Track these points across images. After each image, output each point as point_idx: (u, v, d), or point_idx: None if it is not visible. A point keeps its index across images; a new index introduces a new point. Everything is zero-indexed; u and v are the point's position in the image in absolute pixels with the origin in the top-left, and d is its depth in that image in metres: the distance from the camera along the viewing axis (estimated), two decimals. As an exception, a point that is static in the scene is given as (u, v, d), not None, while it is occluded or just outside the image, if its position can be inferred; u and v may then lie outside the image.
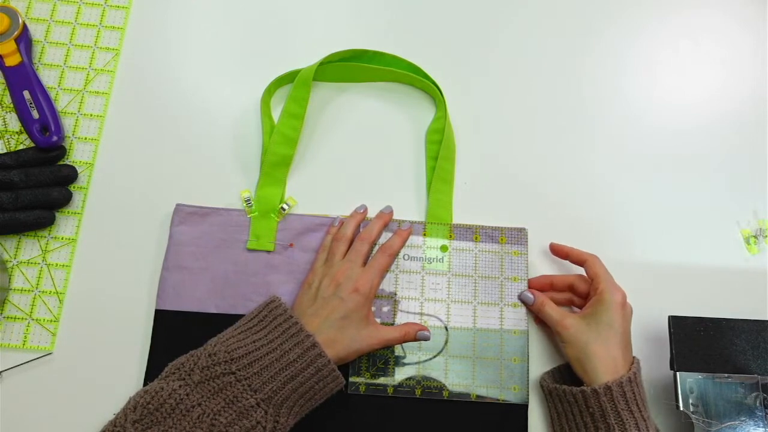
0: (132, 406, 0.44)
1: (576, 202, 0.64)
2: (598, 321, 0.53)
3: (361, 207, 0.61)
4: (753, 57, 0.72)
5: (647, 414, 0.51)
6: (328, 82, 0.67)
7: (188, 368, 0.46)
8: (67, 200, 0.59)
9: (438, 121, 0.65)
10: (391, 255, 0.58)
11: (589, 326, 0.53)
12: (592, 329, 0.53)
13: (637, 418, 0.49)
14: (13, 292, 0.58)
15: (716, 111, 0.70)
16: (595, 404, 0.50)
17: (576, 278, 0.58)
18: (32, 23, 0.66)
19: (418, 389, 0.56)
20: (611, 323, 0.53)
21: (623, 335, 0.53)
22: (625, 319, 0.54)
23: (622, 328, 0.53)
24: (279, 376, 0.46)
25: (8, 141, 0.62)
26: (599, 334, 0.53)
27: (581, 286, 0.58)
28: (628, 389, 0.50)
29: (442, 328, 0.58)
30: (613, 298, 0.54)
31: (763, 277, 0.64)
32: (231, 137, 0.64)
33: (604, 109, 0.69)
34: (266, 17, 0.69)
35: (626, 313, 0.55)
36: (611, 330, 0.53)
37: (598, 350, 0.52)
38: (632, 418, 0.49)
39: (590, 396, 0.50)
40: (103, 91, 0.64)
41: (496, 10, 0.72)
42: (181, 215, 0.59)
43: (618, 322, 0.53)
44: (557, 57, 0.70)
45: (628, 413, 0.49)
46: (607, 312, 0.53)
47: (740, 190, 0.67)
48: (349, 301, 0.52)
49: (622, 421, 0.49)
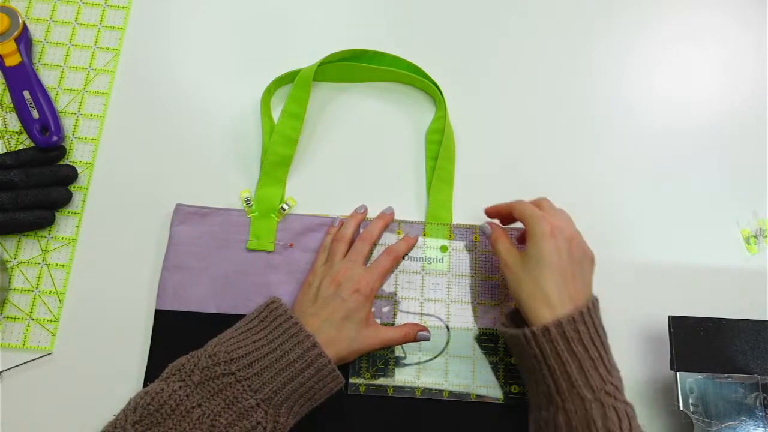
0: (132, 407, 0.44)
1: (576, 202, 0.64)
2: (529, 257, 0.50)
3: (362, 207, 0.61)
4: (753, 57, 0.72)
5: (598, 352, 0.47)
6: (328, 82, 0.67)
7: (188, 369, 0.46)
8: (67, 200, 0.59)
9: (438, 121, 0.65)
10: (394, 258, 0.58)
11: (524, 264, 0.51)
12: (525, 267, 0.50)
13: (582, 358, 0.46)
14: (13, 292, 0.58)
15: (716, 111, 0.70)
16: (535, 346, 0.47)
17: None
18: (32, 23, 0.66)
19: (418, 389, 0.56)
20: (540, 257, 0.49)
21: (557, 268, 0.49)
22: (557, 251, 0.50)
23: (557, 262, 0.49)
24: (279, 377, 0.46)
25: (8, 141, 0.62)
26: (530, 271, 0.50)
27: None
28: (570, 329, 0.46)
29: (443, 329, 0.58)
30: (540, 229, 0.50)
31: (763, 277, 0.64)
32: (231, 137, 0.64)
33: (604, 109, 0.69)
34: (266, 17, 0.69)
35: (559, 244, 0.50)
36: (540, 264, 0.49)
37: (527, 287, 0.49)
38: (575, 358, 0.46)
39: (530, 338, 0.47)
40: (103, 91, 0.64)
41: (496, 10, 0.72)
42: (181, 215, 0.59)
43: (548, 256, 0.49)
44: (557, 57, 0.70)
45: (570, 354, 0.46)
46: (536, 246, 0.50)
47: (740, 190, 0.67)
48: (350, 301, 0.52)
49: (562, 363, 0.46)
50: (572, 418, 0.45)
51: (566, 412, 0.46)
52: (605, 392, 0.46)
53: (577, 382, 0.46)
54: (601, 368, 0.47)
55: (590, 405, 0.45)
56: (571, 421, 0.46)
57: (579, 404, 0.46)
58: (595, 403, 0.45)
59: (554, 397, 0.47)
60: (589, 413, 0.45)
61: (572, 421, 0.45)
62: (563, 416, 0.46)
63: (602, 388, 0.46)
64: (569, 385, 0.46)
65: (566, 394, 0.46)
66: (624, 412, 0.46)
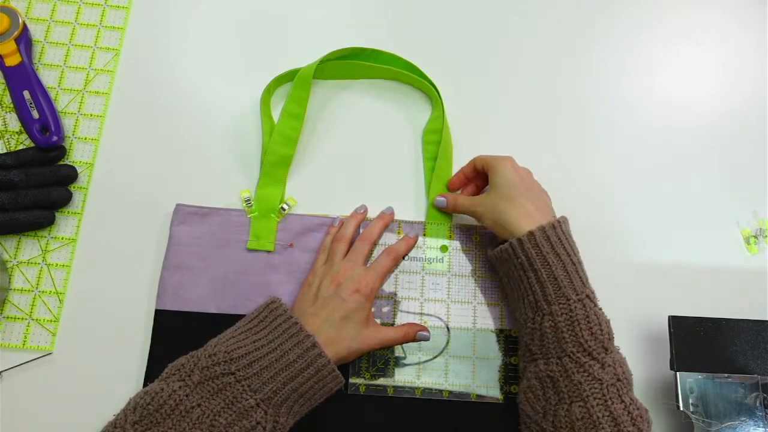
0: (132, 407, 0.44)
1: (576, 202, 0.64)
2: (497, 185, 0.55)
3: (362, 207, 0.61)
4: (753, 57, 0.72)
5: (577, 259, 0.51)
6: (327, 79, 0.66)
7: (188, 369, 0.46)
8: (67, 200, 0.59)
9: (435, 121, 0.65)
10: (394, 258, 0.58)
11: (494, 192, 0.55)
12: (496, 193, 0.55)
13: (565, 261, 0.50)
14: (13, 292, 0.58)
15: (716, 111, 0.70)
16: (522, 253, 0.51)
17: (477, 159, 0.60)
18: (32, 23, 0.66)
19: (418, 389, 0.56)
20: (507, 181, 0.55)
21: (527, 188, 0.55)
22: (520, 176, 0.55)
23: (521, 182, 0.55)
24: (279, 377, 0.46)
25: (8, 141, 0.62)
26: (502, 194, 0.54)
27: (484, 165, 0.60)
28: (552, 234, 0.50)
29: (443, 329, 0.58)
30: (501, 161, 0.56)
31: (763, 277, 0.64)
32: (231, 137, 0.64)
33: (604, 110, 0.69)
34: (266, 17, 0.69)
35: (520, 171, 0.56)
36: (510, 186, 0.54)
37: (505, 207, 0.53)
38: (559, 261, 0.50)
39: (516, 246, 0.51)
40: (103, 91, 0.64)
41: (495, 10, 0.72)
42: (181, 215, 0.59)
43: (513, 178, 0.55)
44: (556, 57, 0.70)
45: (554, 256, 0.50)
46: (500, 175, 0.55)
47: (740, 190, 0.67)
48: (350, 301, 0.52)
49: (548, 264, 0.50)
50: (558, 321, 0.49)
51: (552, 316, 0.49)
52: (587, 295, 0.49)
53: (563, 282, 0.49)
54: (581, 273, 0.51)
55: (574, 305, 0.48)
56: (556, 324, 0.49)
57: (564, 305, 0.49)
58: (578, 303, 0.49)
59: (540, 303, 0.50)
60: (574, 313, 0.48)
61: (558, 323, 0.48)
62: (549, 321, 0.49)
63: (584, 292, 0.49)
64: (555, 287, 0.49)
65: (552, 296, 0.49)
66: (603, 317, 0.50)
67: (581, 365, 0.47)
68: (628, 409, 0.46)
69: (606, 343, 0.48)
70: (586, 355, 0.47)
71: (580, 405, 0.46)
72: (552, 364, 0.49)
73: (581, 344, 0.48)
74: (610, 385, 0.47)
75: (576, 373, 0.47)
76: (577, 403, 0.47)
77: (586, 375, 0.47)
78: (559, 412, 0.47)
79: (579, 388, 0.47)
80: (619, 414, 0.46)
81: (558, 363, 0.48)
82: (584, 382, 0.47)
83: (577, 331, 0.48)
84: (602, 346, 0.48)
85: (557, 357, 0.48)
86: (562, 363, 0.48)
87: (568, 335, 0.48)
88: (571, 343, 0.48)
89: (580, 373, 0.47)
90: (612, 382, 0.47)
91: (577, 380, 0.47)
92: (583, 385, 0.47)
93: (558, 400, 0.48)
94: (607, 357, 0.48)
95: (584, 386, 0.47)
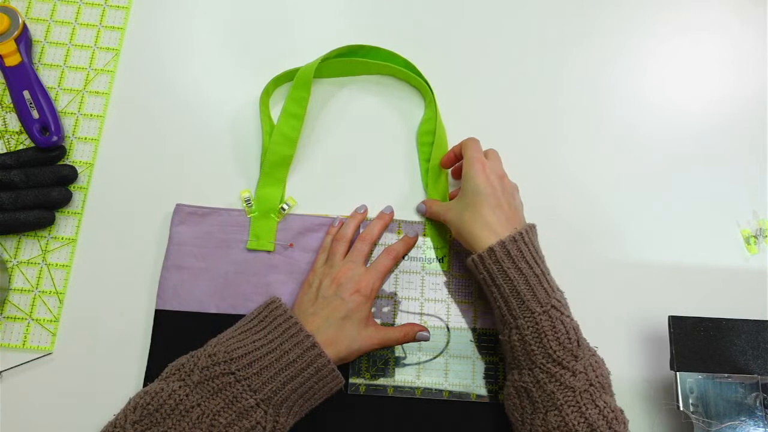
0: (132, 407, 0.44)
1: (575, 203, 0.64)
2: (465, 191, 0.54)
3: (362, 207, 0.61)
4: (753, 58, 0.72)
5: (540, 270, 0.50)
6: (325, 78, 0.66)
7: (188, 369, 0.46)
8: (67, 200, 0.59)
9: (428, 123, 0.65)
10: (394, 258, 0.58)
11: (462, 200, 0.55)
12: (463, 202, 0.54)
13: (527, 274, 0.49)
14: (13, 292, 0.58)
15: (716, 111, 0.70)
16: (483, 270, 0.51)
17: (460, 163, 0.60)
18: (32, 23, 0.66)
19: (418, 389, 0.56)
20: (476, 189, 0.53)
21: (493, 198, 0.53)
22: (489, 183, 0.53)
23: (490, 190, 0.53)
24: (279, 377, 0.46)
25: (8, 141, 0.62)
26: (467, 203, 0.54)
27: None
28: (513, 247, 0.50)
29: (443, 329, 0.58)
30: (472, 166, 0.54)
31: (763, 277, 0.64)
32: (231, 137, 0.64)
33: (603, 110, 0.69)
34: (265, 17, 0.69)
35: (490, 178, 0.54)
36: (478, 196, 0.53)
37: (468, 218, 0.53)
38: (521, 275, 0.49)
39: (477, 262, 0.51)
40: (103, 91, 0.64)
41: (493, 10, 0.72)
42: (181, 215, 0.59)
43: (482, 187, 0.53)
44: (554, 57, 0.70)
45: (516, 271, 0.49)
46: (471, 180, 0.54)
47: (740, 190, 0.67)
48: (350, 301, 0.52)
49: (509, 279, 0.49)
50: (524, 334, 0.49)
51: (519, 329, 0.49)
52: (552, 306, 0.49)
53: (526, 296, 0.49)
54: (545, 284, 0.50)
55: (539, 318, 0.48)
56: (524, 337, 0.49)
57: (530, 318, 0.49)
58: (543, 315, 0.48)
59: (507, 317, 0.50)
60: (540, 325, 0.48)
61: (525, 336, 0.49)
62: (517, 334, 0.49)
63: (549, 303, 0.49)
64: (519, 302, 0.49)
65: (517, 311, 0.49)
66: (570, 325, 0.49)
67: (552, 375, 0.47)
68: (602, 413, 0.46)
69: (575, 350, 0.48)
70: (555, 365, 0.48)
71: (555, 414, 0.47)
72: (525, 375, 0.49)
73: (549, 355, 0.48)
74: (582, 392, 0.47)
75: (548, 383, 0.47)
76: (552, 412, 0.47)
77: (558, 384, 0.47)
78: (535, 421, 0.48)
79: (552, 397, 0.47)
80: (595, 419, 0.46)
81: (530, 374, 0.49)
82: (557, 392, 0.47)
83: (544, 342, 0.48)
84: (571, 354, 0.48)
85: (528, 369, 0.49)
86: (533, 374, 0.48)
87: (536, 347, 0.48)
88: (540, 355, 0.48)
89: (552, 383, 0.47)
90: (585, 388, 0.47)
91: (550, 390, 0.47)
92: (556, 394, 0.47)
93: (533, 409, 0.48)
94: (577, 364, 0.48)
95: (557, 395, 0.47)
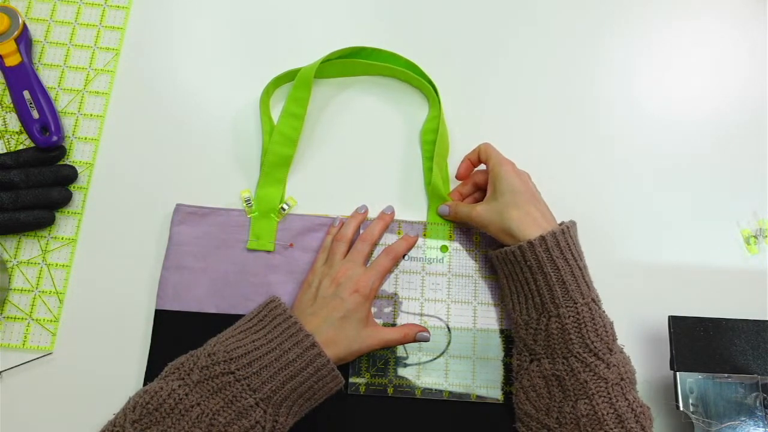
0: (131, 406, 0.44)
1: (575, 203, 0.64)
2: (501, 192, 0.55)
3: (362, 207, 0.61)
4: (753, 57, 0.72)
5: (583, 264, 0.52)
6: (326, 78, 0.66)
7: (187, 368, 0.46)
8: (67, 200, 0.59)
9: (432, 121, 0.65)
10: (393, 258, 0.58)
11: (497, 200, 0.55)
12: (500, 201, 0.55)
13: (573, 266, 0.51)
14: (13, 292, 0.58)
15: (716, 111, 0.70)
16: (531, 256, 0.51)
17: (475, 174, 0.61)
18: (32, 23, 0.66)
19: (418, 389, 0.56)
20: (512, 188, 0.55)
21: (531, 195, 0.55)
22: (524, 182, 0.56)
23: (526, 189, 0.55)
24: (278, 376, 0.46)
25: (8, 141, 0.62)
26: (507, 201, 0.54)
27: (481, 178, 0.60)
28: (562, 239, 0.51)
29: (443, 329, 0.58)
30: (503, 166, 0.56)
31: (763, 277, 0.63)
32: (231, 137, 0.64)
33: (603, 110, 0.69)
34: (265, 17, 0.69)
35: (523, 177, 0.56)
36: (515, 193, 0.54)
37: (513, 214, 0.53)
38: (567, 265, 0.51)
39: (527, 249, 0.51)
40: (103, 91, 0.65)
41: (496, 10, 0.72)
42: (181, 215, 0.59)
43: (518, 185, 0.55)
44: (556, 58, 0.70)
45: (563, 261, 0.51)
46: (504, 180, 0.55)
47: (740, 190, 0.67)
48: (349, 301, 0.52)
49: (557, 269, 0.51)
50: (565, 323, 0.50)
51: (560, 318, 0.50)
52: (592, 299, 0.51)
53: (570, 286, 0.50)
54: (587, 278, 0.52)
55: (581, 308, 0.50)
56: (564, 326, 0.50)
57: (572, 308, 0.50)
58: (584, 306, 0.50)
59: (548, 305, 0.51)
60: (581, 316, 0.50)
61: (565, 325, 0.50)
62: (557, 322, 0.50)
63: (590, 295, 0.51)
64: (563, 291, 0.50)
65: (560, 299, 0.50)
66: (608, 320, 0.51)
67: (587, 365, 0.49)
68: (631, 406, 0.48)
69: (610, 344, 0.50)
70: (591, 356, 0.49)
71: (585, 402, 0.48)
72: (558, 363, 0.50)
73: (587, 345, 0.49)
74: (614, 384, 0.48)
75: (582, 372, 0.49)
76: (582, 401, 0.48)
77: (592, 374, 0.48)
78: (564, 408, 0.49)
79: (585, 386, 0.48)
80: (623, 411, 0.47)
81: (564, 362, 0.50)
82: (590, 381, 0.48)
83: (583, 332, 0.49)
84: (607, 347, 0.49)
85: (563, 357, 0.50)
86: (568, 362, 0.49)
87: (575, 336, 0.49)
88: (578, 344, 0.49)
89: (586, 372, 0.49)
90: (616, 381, 0.48)
91: (583, 379, 0.48)
92: (589, 383, 0.48)
93: (563, 397, 0.49)
94: (611, 357, 0.49)
95: (590, 384, 0.48)
